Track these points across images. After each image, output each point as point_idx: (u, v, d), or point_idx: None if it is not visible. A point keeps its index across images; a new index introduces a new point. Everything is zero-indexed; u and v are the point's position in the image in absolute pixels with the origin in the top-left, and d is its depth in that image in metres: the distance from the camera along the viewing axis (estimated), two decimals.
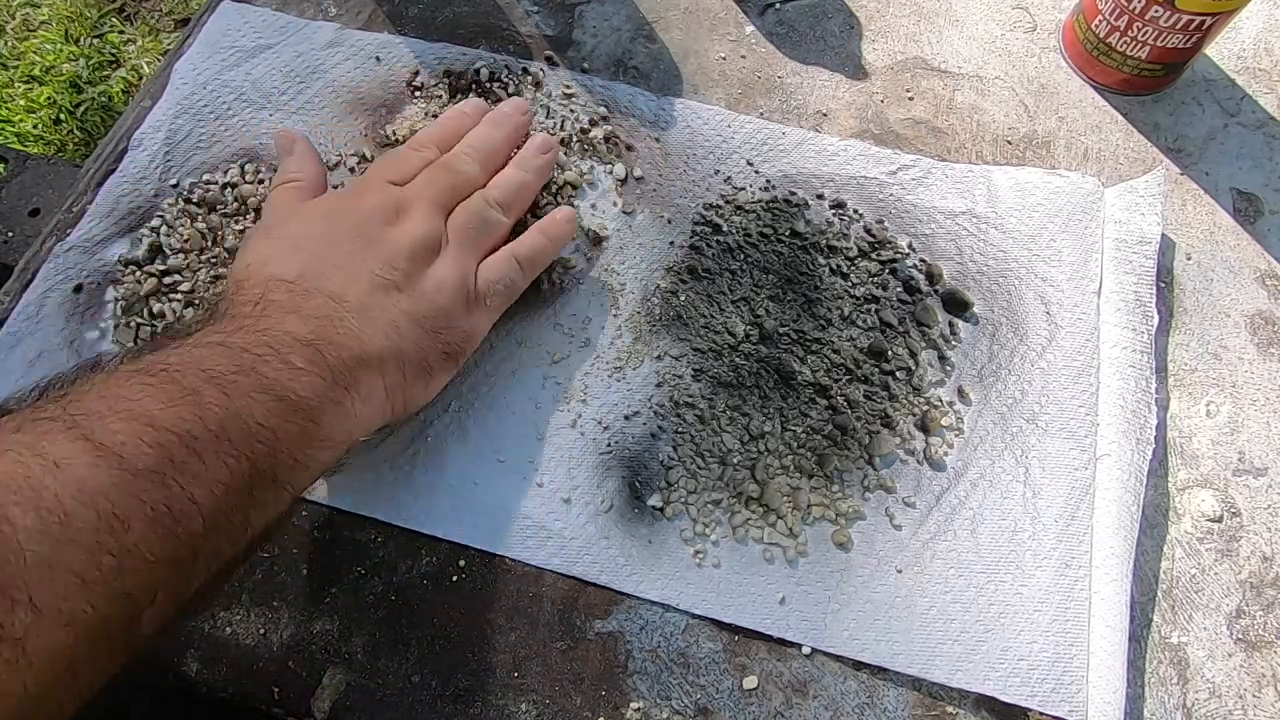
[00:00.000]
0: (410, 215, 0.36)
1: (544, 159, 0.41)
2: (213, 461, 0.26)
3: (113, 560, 0.24)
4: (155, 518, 0.25)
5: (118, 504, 0.24)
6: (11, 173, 0.48)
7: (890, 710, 0.34)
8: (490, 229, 0.38)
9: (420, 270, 0.35)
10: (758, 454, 0.38)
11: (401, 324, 0.33)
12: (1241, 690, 0.35)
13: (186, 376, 0.28)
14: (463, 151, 0.40)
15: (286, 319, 0.31)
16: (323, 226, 0.35)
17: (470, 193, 0.39)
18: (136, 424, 0.26)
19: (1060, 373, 0.40)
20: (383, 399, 0.33)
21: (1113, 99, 0.47)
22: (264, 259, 0.34)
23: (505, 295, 0.38)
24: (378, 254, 0.34)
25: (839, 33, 0.49)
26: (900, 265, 0.42)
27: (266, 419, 0.28)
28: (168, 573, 0.25)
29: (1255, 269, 0.43)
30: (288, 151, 0.40)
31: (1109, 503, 0.37)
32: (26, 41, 1.17)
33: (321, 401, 0.30)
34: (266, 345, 0.30)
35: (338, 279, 0.33)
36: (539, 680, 0.34)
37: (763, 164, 0.44)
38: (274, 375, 0.29)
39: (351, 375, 0.31)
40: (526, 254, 0.38)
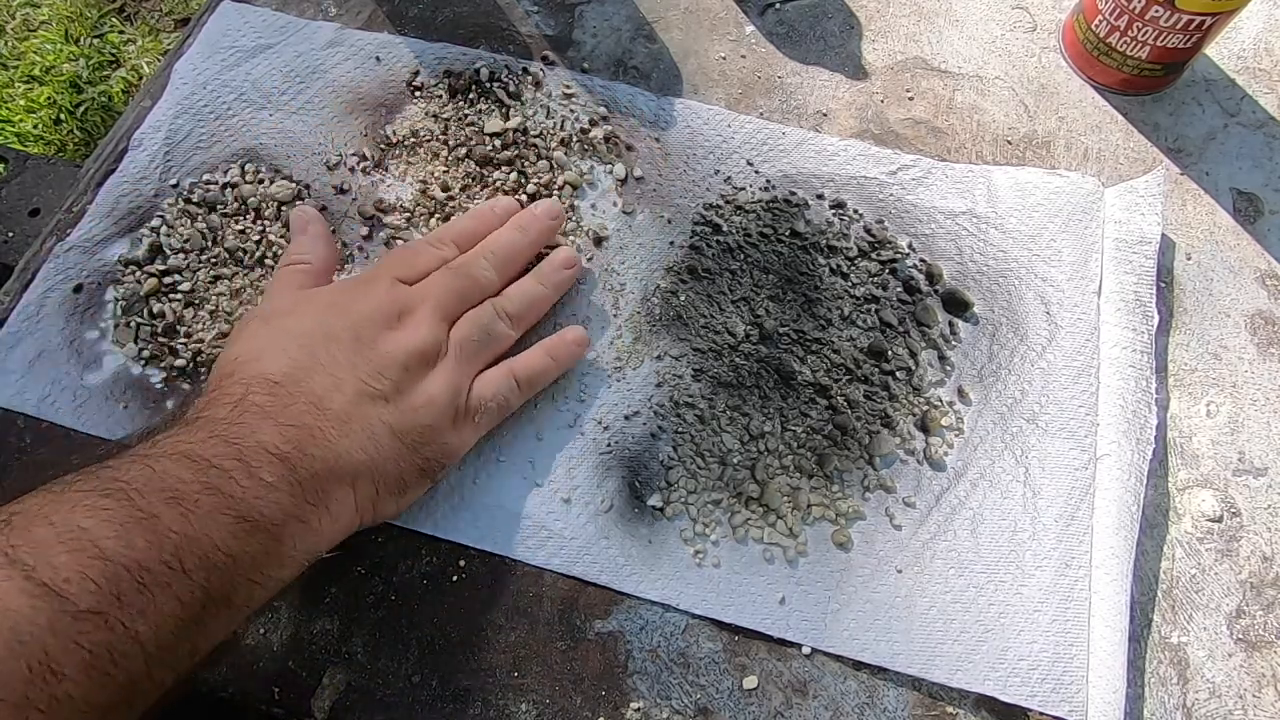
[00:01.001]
0: (411, 322, 0.35)
1: (565, 275, 0.39)
2: (163, 595, 0.25)
3: (41, 716, 0.23)
4: (93, 663, 0.24)
5: (53, 652, 0.23)
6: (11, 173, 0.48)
7: (890, 710, 0.34)
8: (494, 342, 0.37)
9: (412, 382, 0.33)
10: (758, 454, 0.38)
11: (381, 436, 0.32)
12: (1241, 690, 0.35)
13: (144, 497, 0.26)
14: (481, 255, 0.38)
15: (263, 426, 0.30)
16: (319, 323, 0.34)
17: (481, 299, 0.37)
18: (83, 556, 0.24)
19: (1060, 373, 0.40)
20: (351, 513, 0.31)
21: (1113, 99, 0.47)
22: (253, 353, 0.33)
23: (496, 414, 0.36)
24: (370, 360, 0.33)
25: (839, 33, 0.49)
26: (900, 265, 0.42)
27: (226, 542, 0.27)
28: (101, 717, 0.24)
29: (1255, 269, 0.43)
30: (301, 231, 0.39)
31: (1109, 503, 0.37)
32: (26, 41, 1.17)
33: (287, 520, 0.29)
34: (236, 459, 0.28)
35: (323, 383, 0.32)
36: (539, 680, 0.34)
37: (763, 164, 0.44)
38: (240, 494, 0.28)
39: (322, 490, 0.30)
40: (525, 374, 0.37)
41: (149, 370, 0.39)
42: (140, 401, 0.39)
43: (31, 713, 0.22)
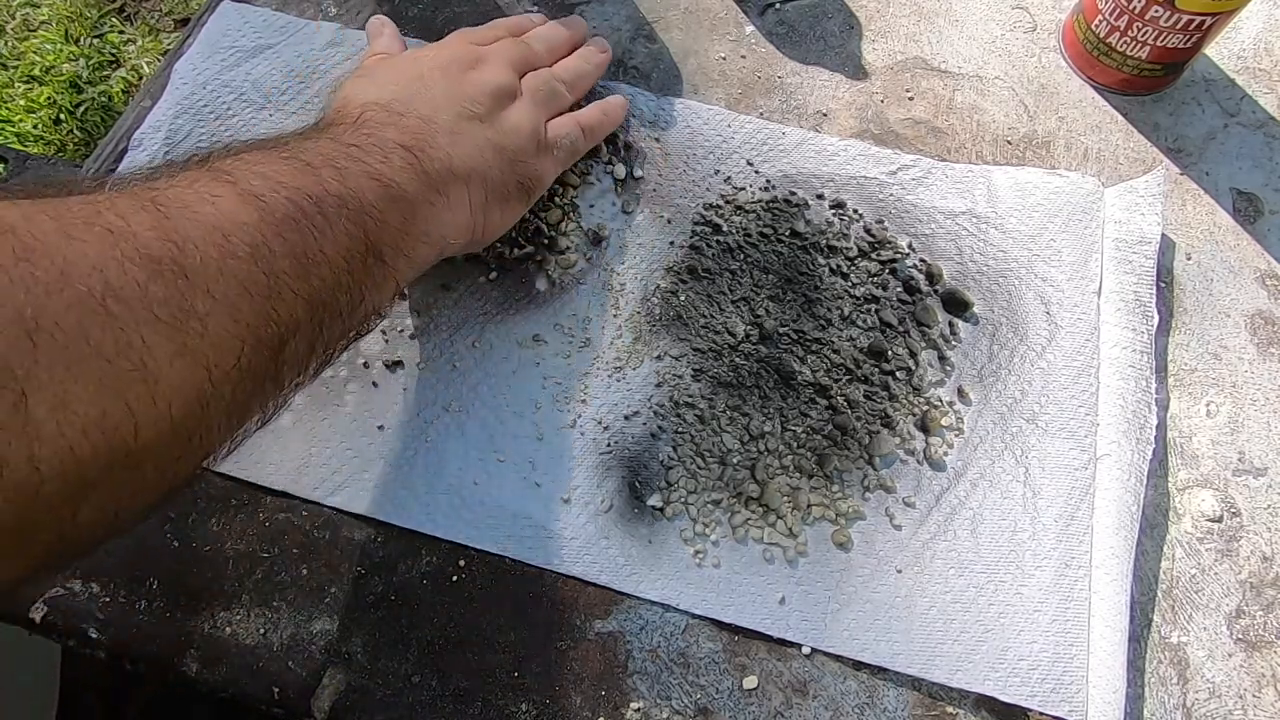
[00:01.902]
0: (489, 66, 0.39)
1: (602, 57, 0.45)
2: (336, 224, 0.29)
3: (265, 279, 0.26)
4: (295, 255, 0.27)
5: (265, 236, 0.27)
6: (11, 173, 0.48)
7: (890, 710, 0.34)
8: (557, 97, 0.41)
9: (499, 110, 0.38)
10: (758, 454, 0.38)
11: (486, 149, 0.36)
12: (1241, 690, 0.35)
13: (307, 154, 0.30)
14: (532, 37, 0.44)
15: (386, 129, 0.34)
16: (411, 68, 0.38)
17: (539, 68, 0.42)
18: (271, 181, 0.28)
19: (1060, 373, 0.40)
20: (467, 211, 0.36)
21: (1113, 99, 0.47)
22: (359, 90, 0.37)
23: (569, 150, 0.41)
24: (463, 89, 0.37)
25: (839, 33, 0.49)
26: (900, 265, 0.42)
27: (376, 202, 0.31)
28: (305, 311, 0.28)
29: (1255, 269, 0.43)
30: (378, 34, 0.43)
31: (1109, 503, 0.37)
32: (26, 41, 1.17)
33: (419, 198, 0.33)
34: (371, 144, 0.33)
35: (427, 105, 0.36)
36: (539, 680, 0.34)
37: (763, 164, 0.44)
38: (379, 167, 0.32)
39: (443, 182, 0.34)
40: (589, 122, 0.42)
41: None
42: None
43: (259, 275, 0.26)
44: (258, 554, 0.37)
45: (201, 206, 0.26)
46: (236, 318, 0.25)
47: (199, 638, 0.35)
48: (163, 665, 0.35)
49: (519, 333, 0.41)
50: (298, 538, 0.37)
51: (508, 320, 0.41)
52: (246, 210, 0.27)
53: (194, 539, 0.37)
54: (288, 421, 0.38)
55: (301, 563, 0.36)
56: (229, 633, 0.35)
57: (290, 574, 0.36)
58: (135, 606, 0.36)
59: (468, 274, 0.42)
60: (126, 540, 0.36)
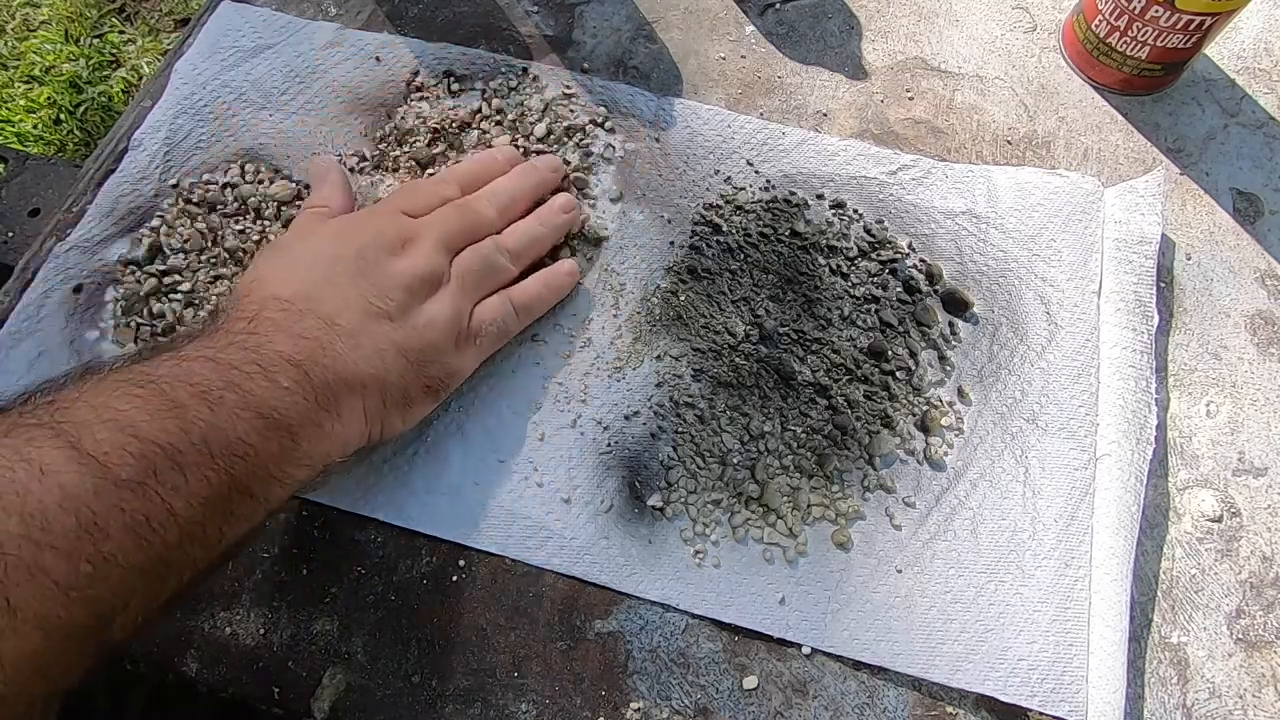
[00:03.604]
0: (415, 250, 0.36)
1: (564, 218, 0.41)
2: (193, 475, 0.27)
3: (89, 568, 0.24)
4: (133, 527, 0.25)
5: (98, 512, 0.25)
6: (11, 173, 0.48)
7: (890, 710, 0.34)
8: (494, 274, 0.38)
9: (415, 304, 0.35)
10: (758, 454, 0.38)
11: (388, 353, 0.34)
12: (1241, 690, 0.35)
13: (174, 389, 0.28)
14: (484, 196, 0.40)
15: (277, 337, 0.31)
16: (327, 248, 0.35)
17: (483, 237, 0.39)
18: (121, 434, 0.26)
19: (1060, 373, 0.40)
20: (361, 423, 0.33)
21: (1113, 99, 0.47)
22: (265, 277, 0.34)
23: (496, 337, 0.38)
24: (376, 282, 0.34)
25: (839, 33, 0.49)
26: (900, 265, 0.42)
27: (248, 435, 0.29)
28: (141, 581, 0.26)
29: (1255, 269, 0.43)
30: (321, 180, 0.40)
31: (1109, 503, 0.37)
32: (26, 41, 1.17)
33: (303, 422, 0.31)
34: (255, 363, 0.30)
35: (333, 302, 0.33)
36: (539, 680, 0.34)
37: (763, 164, 0.44)
38: (260, 393, 0.30)
39: (334, 397, 0.32)
40: (523, 301, 0.39)
41: None
42: None
43: (81, 563, 0.24)
44: (258, 554, 0.37)
45: (27, 485, 0.24)
46: (43, 624, 0.23)
47: (199, 638, 0.35)
48: (163, 665, 0.35)
49: (519, 333, 0.40)
50: (298, 538, 0.37)
51: None
52: (81, 480, 0.24)
53: None
54: None
55: (301, 563, 0.36)
56: (229, 633, 0.35)
57: (290, 574, 0.36)
58: None
59: None
60: None
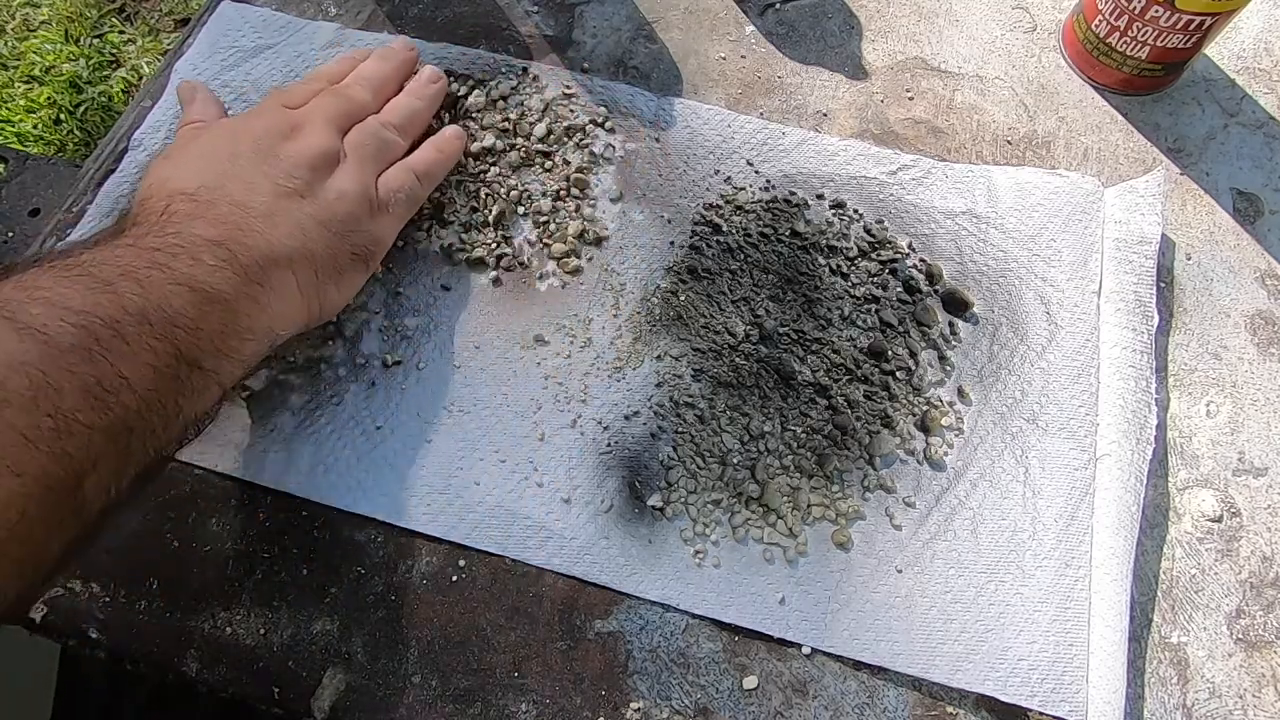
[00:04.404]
0: (306, 131, 0.37)
1: (434, 88, 0.43)
2: (136, 343, 0.27)
3: (50, 421, 0.24)
4: (87, 388, 0.25)
5: (49, 373, 0.25)
6: (11, 173, 0.48)
7: (890, 710, 0.34)
8: (387, 148, 0.39)
9: (320, 180, 0.36)
10: (758, 454, 0.38)
11: (308, 226, 0.34)
12: (1241, 690, 0.35)
13: (102, 270, 0.28)
14: (354, 81, 0.41)
15: (194, 224, 0.32)
16: (221, 144, 0.36)
17: (364, 117, 0.40)
18: (56, 309, 0.26)
19: (1060, 373, 0.40)
20: (297, 296, 0.34)
21: (1113, 99, 0.47)
22: (164, 176, 0.34)
23: (407, 204, 0.39)
24: (278, 165, 0.35)
25: (839, 33, 0.49)
26: (900, 265, 0.42)
27: (185, 309, 0.29)
28: (105, 442, 0.26)
29: (1255, 269, 0.43)
30: (190, 100, 0.41)
31: (1109, 503, 0.37)
32: (26, 41, 1.17)
33: (237, 295, 0.31)
34: (177, 245, 0.30)
35: (239, 188, 0.34)
36: (539, 680, 0.34)
37: (763, 164, 0.44)
38: (188, 271, 0.30)
39: (263, 272, 0.32)
40: (423, 167, 0.40)
41: None
42: None
43: (42, 418, 0.24)
44: (258, 554, 0.37)
45: None
46: (17, 470, 0.23)
47: (199, 638, 0.35)
48: (163, 665, 0.35)
49: (519, 333, 0.40)
50: (298, 538, 0.37)
51: (508, 320, 0.41)
52: (25, 348, 0.25)
53: (194, 539, 0.37)
54: (288, 422, 0.38)
55: (301, 563, 0.36)
56: (229, 633, 0.35)
57: (290, 574, 0.36)
58: (135, 606, 0.36)
59: (468, 274, 0.42)
60: (126, 540, 0.36)
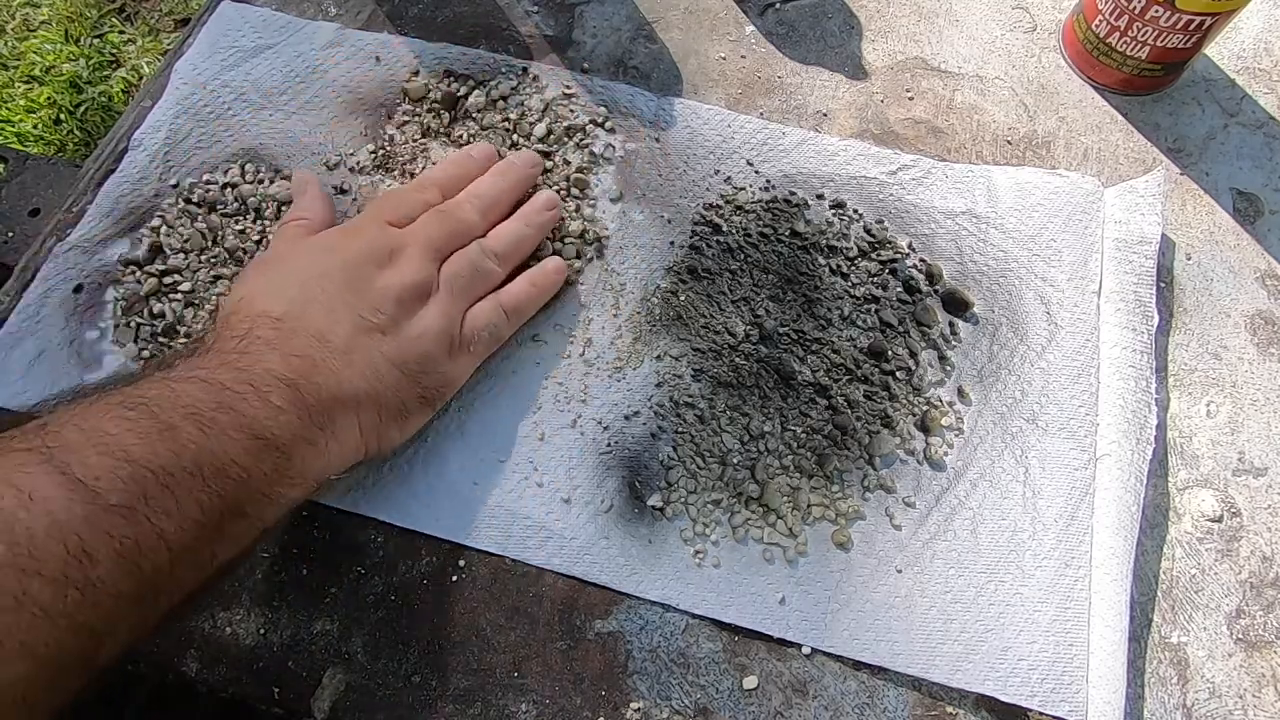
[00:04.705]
0: (403, 260, 0.36)
1: (547, 216, 0.41)
2: (185, 498, 0.27)
3: (78, 595, 0.24)
4: (123, 553, 0.25)
5: (87, 540, 0.24)
6: (11, 173, 0.48)
7: (890, 710, 0.34)
8: (483, 279, 0.38)
9: (406, 316, 0.35)
10: (758, 454, 0.38)
11: (381, 367, 0.33)
12: (1241, 690, 0.35)
13: (165, 412, 0.28)
14: (466, 200, 0.39)
15: (269, 356, 0.31)
16: (315, 264, 0.35)
17: (468, 241, 0.39)
18: (112, 458, 0.26)
19: (1060, 373, 0.40)
20: (357, 439, 0.33)
21: (1113, 99, 0.47)
22: (254, 294, 0.34)
23: (489, 342, 0.38)
24: (365, 297, 0.34)
25: (839, 33, 0.49)
26: (900, 265, 0.42)
27: (241, 457, 0.28)
28: (130, 607, 0.25)
29: (1255, 269, 0.43)
30: (301, 193, 0.40)
31: (1109, 503, 0.37)
32: (26, 41, 1.17)
33: (296, 441, 0.30)
34: (247, 383, 0.30)
35: (323, 319, 0.33)
36: (539, 680, 0.34)
37: (763, 164, 0.44)
38: (252, 413, 0.29)
39: (328, 415, 0.32)
40: (513, 304, 0.38)
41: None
42: None
43: (70, 590, 0.24)
44: (258, 554, 0.37)
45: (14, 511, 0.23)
46: (29, 652, 0.23)
47: (199, 638, 0.35)
48: (163, 665, 0.35)
49: (519, 333, 0.40)
50: (298, 538, 0.37)
51: None
52: (70, 507, 0.24)
53: None
54: None
55: (301, 563, 0.36)
56: (229, 633, 0.35)
57: (290, 574, 0.36)
58: None
59: None
60: None
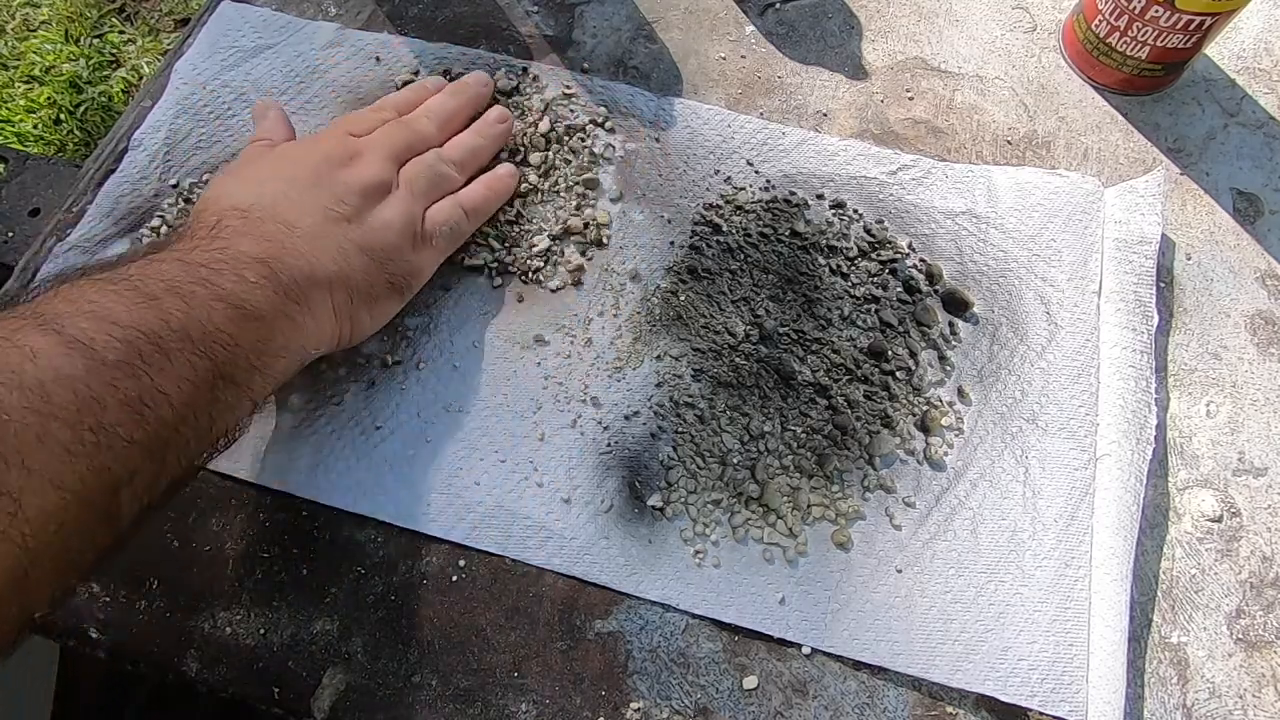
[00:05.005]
0: (363, 162, 0.38)
1: (500, 128, 0.43)
2: (178, 359, 0.28)
3: (92, 436, 0.25)
4: (128, 403, 0.26)
5: (93, 388, 0.26)
6: (11, 173, 0.48)
7: (890, 710, 0.34)
8: (441, 182, 0.40)
9: (369, 207, 0.37)
10: (758, 454, 0.38)
11: (350, 251, 0.35)
12: (1241, 690, 0.35)
13: (147, 284, 0.29)
14: (422, 113, 0.42)
15: (241, 240, 0.33)
16: (280, 166, 0.37)
17: (425, 150, 0.41)
18: (103, 322, 0.27)
19: (1060, 373, 0.40)
20: (331, 318, 0.35)
21: (1113, 99, 0.47)
22: (222, 192, 0.36)
23: (450, 238, 0.40)
24: (330, 190, 0.36)
25: (839, 33, 0.49)
26: (900, 265, 0.42)
27: (225, 325, 0.30)
28: (142, 455, 0.27)
29: (1255, 269, 0.43)
30: (262, 117, 0.42)
31: (1109, 503, 0.37)
32: (26, 41, 1.17)
33: (275, 313, 0.32)
34: (221, 261, 0.32)
35: (290, 210, 0.35)
36: (539, 680, 0.34)
37: (763, 164, 0.44)
38: (230, 287, 0.31)
39: (302, 292, 0.33)
40: (471, 203, 0.41)
41: None
42: None
43: (85, 432, 0.25)
44: (258, 554, 0.37)
45: (21, 365, 0.25)
46: (58, 484, 0.24)
47: (199, 638, 0.35)
48: (163, 665, 0.35)
49: (519, 333, 0.41)
50: (298, 538, 0.37)
51: (508, 320, 0.41)
52: (72, 361, 0.26)
53: (194, 539, 0.37)
54: (288, 422, 0.38)
55: (301, 563, 0.36)
56: (229, 633, 0.35)
57: (290, 574, 0.36)
58: (135, 606, 0.36)
59: (468, 275, 0.42)
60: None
